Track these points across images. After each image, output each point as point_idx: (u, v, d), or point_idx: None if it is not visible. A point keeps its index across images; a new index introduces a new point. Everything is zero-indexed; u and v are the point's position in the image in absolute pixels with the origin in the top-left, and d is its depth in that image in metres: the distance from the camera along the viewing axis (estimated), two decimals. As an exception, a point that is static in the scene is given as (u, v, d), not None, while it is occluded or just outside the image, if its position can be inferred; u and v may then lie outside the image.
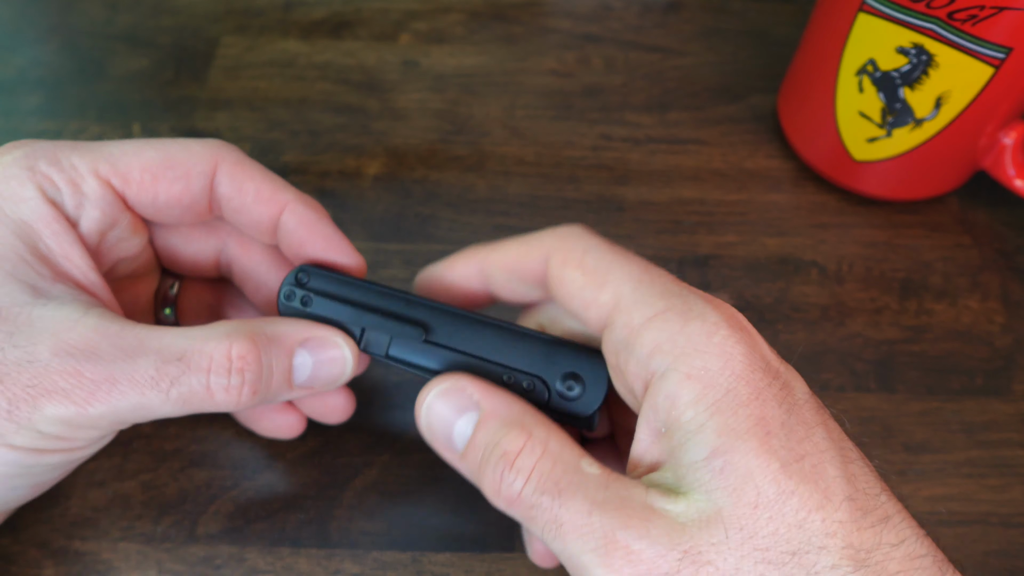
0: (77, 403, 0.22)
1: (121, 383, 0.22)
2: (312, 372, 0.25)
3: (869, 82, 0.34)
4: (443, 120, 0.41)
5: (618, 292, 0.22)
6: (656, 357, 0.21)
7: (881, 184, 0.38)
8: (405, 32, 0.44)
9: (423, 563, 0.29)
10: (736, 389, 0.20)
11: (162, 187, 0.25)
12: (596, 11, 0.46)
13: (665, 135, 0.41)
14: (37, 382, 0.21)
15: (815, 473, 0.20)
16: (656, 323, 0.21)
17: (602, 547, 0.20)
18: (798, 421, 0.21)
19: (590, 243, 0.24)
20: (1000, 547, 0.30)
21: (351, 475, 0.31)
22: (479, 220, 0.38)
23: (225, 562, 0.29)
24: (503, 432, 0.22)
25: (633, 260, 0.23)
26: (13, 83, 0.42)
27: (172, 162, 0.25)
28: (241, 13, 0.45)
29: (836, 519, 0.20)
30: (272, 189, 0.26)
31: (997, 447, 0.32)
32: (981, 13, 0.30)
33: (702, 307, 0.22)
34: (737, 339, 0.21)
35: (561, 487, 0.21)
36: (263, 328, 0.24)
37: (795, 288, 0.36)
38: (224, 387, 0.23)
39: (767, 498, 0.20)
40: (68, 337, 0.22)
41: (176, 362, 0.22)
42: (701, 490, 0.20)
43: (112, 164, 0.25)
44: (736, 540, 0.19)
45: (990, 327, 0.35)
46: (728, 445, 0.20)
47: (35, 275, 0.23)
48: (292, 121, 0.41)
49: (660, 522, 0.20)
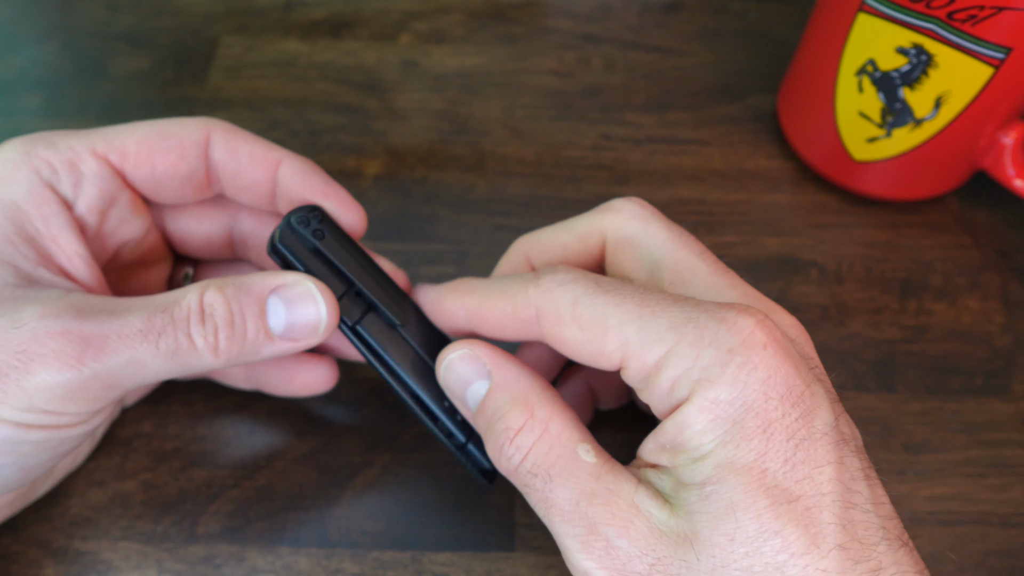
0: (69, 364, 0.21)
1: (111, 338, 0.22)
2: (287, 320, 0.24)
3: (869, 82, 0.34)
4: (443, 120, 0.41)
5: (622, 337, 0.22)
6: (675, 392, 0.21)
7: (881, 184, 0.38)
8: (405, 32, 0.44)
9: (423, 563, 0.29)
10: (744, 422, 0.20)
11: (158, 159, 0.26)
12: (596, 11, 0.46)
13: (665, 135, 0.41)
14: (26, 347, 0.21)
15: (806, 517, 0.19)
16: (670, 360, 0.21)
17: (584, 535, 0.21)
18: (805, 458, 0.20)
19: (577, 291, 0.23)
20: (1000, 547, 0.30)
21: (351, 475, 0.31)
22: (479, 220, 0.38)
23: (225, 562, 0.29)
24: (508, 407, 0.23)
25: (627, 297, 0.22)
26: (13, 83, 0.42)
27: (166, 134, 0.26)
28: (241, 13, 0.45)
29: (820, 567, 0.19)
30: (265, 149, 0.27)
31: (997, 447, 0.32)
32: (981, 13, 0.30)
33: (714, 331, 0.21)
34: (754, 364, 0.20)
35: (554, 472, 0.21)
36: (233, 279, 0.24)
37: (795, 288, 0.36)
38: (203, 335, 0.23)
39: (746, 534, 0.19)
40: (55, 303, 0.22)
41: (161, 313, 0.23)
42: (686, 509, 0.20)
43: (108, 141, 0.26)
44: (706, 566, 0.20)
45: (990, 327, 0.35)
46: (720, 476, 0.20)
47: (20, 257, 0.23)
48: (292, 121, 0.41)
49: (642, 525, 0.20)
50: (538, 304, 0.24)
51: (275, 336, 0.25)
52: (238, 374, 0.31)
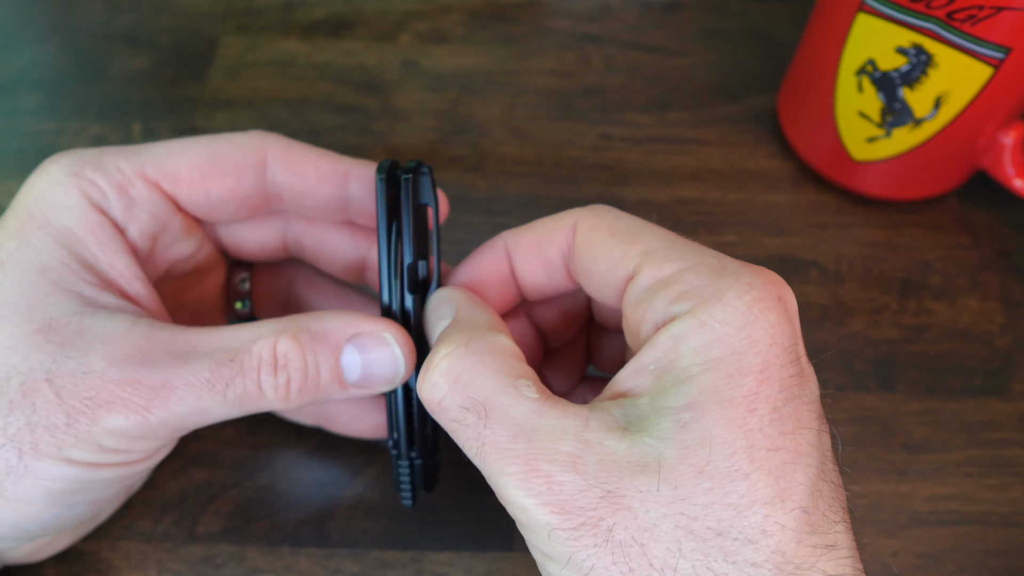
0: (136, 411, 0.21)
1: (178, 388, 0.22)
2: (363, 371, 0.24)
3: (868, 82, 0.34)
4: (443, 120, 0.41)
5: (650, 247, 0.22)
6: (678, 303, 0.20)
7: (881, 184, 0.38)
8: (405, 32, 0.44)
9: (423, 563, 0.29)
10: (744, 354, 0.19)
11: (213, 184, 0.25)
12: (596, 11, 0.46)
13: (665, 135, 0.41)
14: (94, 393, 0.21)
15: (781, 470, 0.19)
16: (687, 274, 0.21)
17: (522, 472, 0.19)
18: (792, 414, 0.19)
19: (619, 213, 0.23)
20: (1000, 547, 0.30)
21: (351, 475, 0.31)
22: (479, 220, 0.38)
23: (225, 561, 0.29)
24: (446, 334, 0.22)
25: (664, 230, 0.23)
26: (13, 83, 0.42)
27: (220, 157, 0.25)
28: (241, 13, 0.45)
29: (780, 521, 0.18)
30: (331, 163, 0.26)
31: (997, 447, 0.32)
32: (980, 13, 0.30)
33: (737, 267, 0.21)
34: (768, 306, 0.20)
35: (489, 406, 0.20)
36: (309, 324, 0.23)
37: (795, 288, 0.36)
38: (273, 386, 0.22)
39: (716, 469, 0.18)
40: (121, 346, 0.22)
41: (229, 363, 0.22)
42: (655, 435, 0.19)
43: (159, 166, 0.24)
44: (665, 496, 0.18)
45: (990, 327, 0.35)
46: (705, 404, 0.19)
47: (82, 284, 0.23)
48: (292, 121, 0.41)
49: (591, 457, 0.19)
50: (580, 216, 0.24)
51: (349, 385, 0.24)
52: (303, 412, 0.30)
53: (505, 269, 0.25)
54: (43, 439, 0.21)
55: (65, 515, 0.23)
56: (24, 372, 0.21)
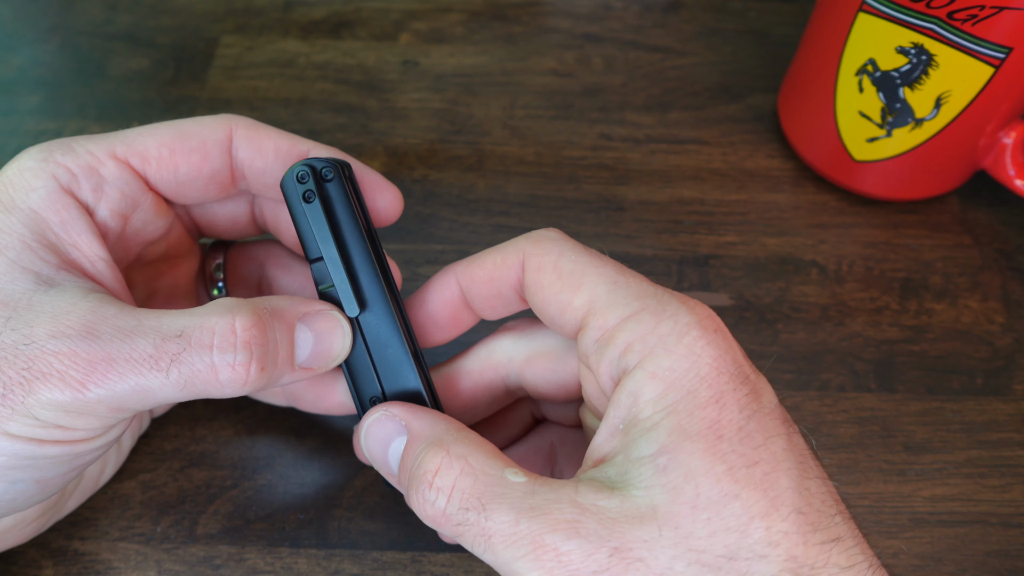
0: (73, 386, 0.21)
1: (118, 363, 0.21)
2: (312, 349, 0.24)
3: (869, 82, 0.34)
4: (443, 120, 0.41)
5: (593, 295, 0.23)
6: (627, 356, 0.21)
7: (881, 184, 0.38)
8: (405, 32, 0.44)
9: (423, 563, 0.29)
10: (697, 391, 0.20)
11: (180, 160, 0.25)
12: (596, 11, 0.46)
13: (665, 135, 0.41)
14: (32, 365, 0.21)
15: (765, 481, 0.20)
16: (629, 323, 0.22)
17: (531, 553, 0.19)
18: (758, 428, 0.20)
19: (564, 247, 0.24)
20: (1000, 547, 0.30)
21: (351, 475, 0.31)
22: (479, 220, 0.38)
23: (225, 562, 0.29)
24: (423, 452, 0.22)
25: (607, 263, 0.23)
26: (13, 83, 0.42)
27: (187, 135, 0.25)
28: (241, 13, 0.45)
29: (781, 529, 0.19)
30: (290, 143, 0.26)
31: (997, 447, 0.32)
32: (981, 13, 0.30)
33: (676, 307, 0.22)
34: (708, 341, 0.21)
35: (485, 500, 0.20)
36: (264, 302, 0.23)
37: (795, 288, 0.36)
38: (230, 364, 0.22)
39: (707, 499, 0.19)
40: (66, 319, 0.21)
41: (176, 339, 0.21)
42: (641, 486, 0.20)
43: (128, 145, 0.25)
44: (670, 539, 0.19)
45: (990, 327, 0.35)
46: (675, 444, 0.20)
47: (40, 262, 0.23)
48: (292, 121, 0.41)
49: (590, 520, 0.19)
50: (526, 250, 0.24)
51: (297, 366, 0.24)
52: (276, 392, 0.30)
53: (457, 299, 0.26)
54: None
55: (9, 492, 0.23)
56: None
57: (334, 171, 0.25)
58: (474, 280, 0.25)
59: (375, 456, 0.24)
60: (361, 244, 0.25)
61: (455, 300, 0.26)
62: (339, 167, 0.25)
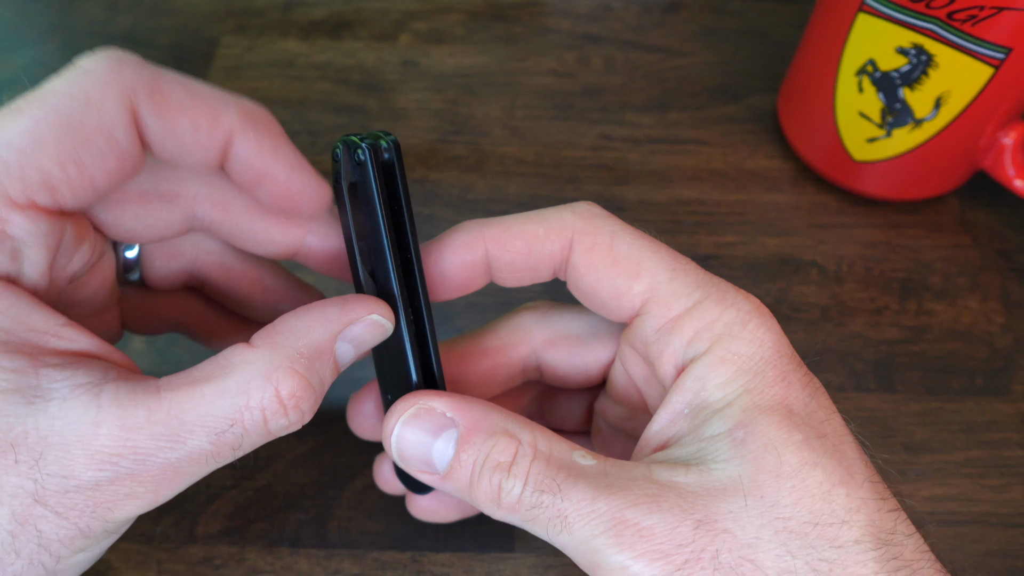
0: (146, 501, 0.20)
1: (183, 469, 0.20)
2: (353, 355, 0.23)
3: (869, 82, 0.34)
4: (443, 120, 0.41)
5: (653, 282, 0.22)
6: (695, 343, 0.22)
7: (881, 184, 0.38)
8: (405, 32, 0.44)
9: (423, 563, 0.29)
10: (764, 372, 0.21)
11: (92, 170, 0.20)
12: (596, 11, 0.46)
13: (665, 135, 0.41)
14: (95, 501, 0.19)
15: (838, 451, 0.20)
16: (695, 312, 0.22)
17: (611, 529, 0.19)
18: (819, 405, 0.21)
19: (615, 226, 0.23)
20: (1000, 547, 0.30)
21: (351, 475, 0.31)
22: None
23: (225, 562, 0.29)
24: (490, 443, 0.21)
25: (661, 247, 0.23)
26: (13, 83, 0.42)
27: (80, 126, 0.19)
28: (241, 13, 0.45)
29: (860, 495, 0.20)
30: (209, 114, 0.21)
31: (997, 447, 0.32)
32: (981, 13, 0.30)
33: (734, 296, 0.22)
34: (767, 327, 0.22)
35: (559, 481, 0.20)
36: (298, 346, 0.21)
37: (795, 288, 0.36)
38: (285, 426, 0.21)
39: (790, 467, 0.20)
40: (99, 445, 0.19)
41: (230, 429, 0.20)
42: (719, 460, 0.20)
43: (24, 179, 0.19)
44: (756, 509, 0.19)
45: (990, 327, 0.35)
46: (751, 419, 0.20)
47: (11, 375, 0.19)
48: (292, 121, 0.41)
49: (670, 495, 0.20)
50: (576, 228, 0.23)
51: (341, 367, 0.23)
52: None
53: (480, 263, 0.24)
54: (61, 552, 0.20)
55: None
56: (6, 501, 0.19)
57: (391, 148, 0.23)
58: (507, 249, 0.24)
59: (412, 456, 0.22)
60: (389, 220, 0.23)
61: (477, 264, 0.24)
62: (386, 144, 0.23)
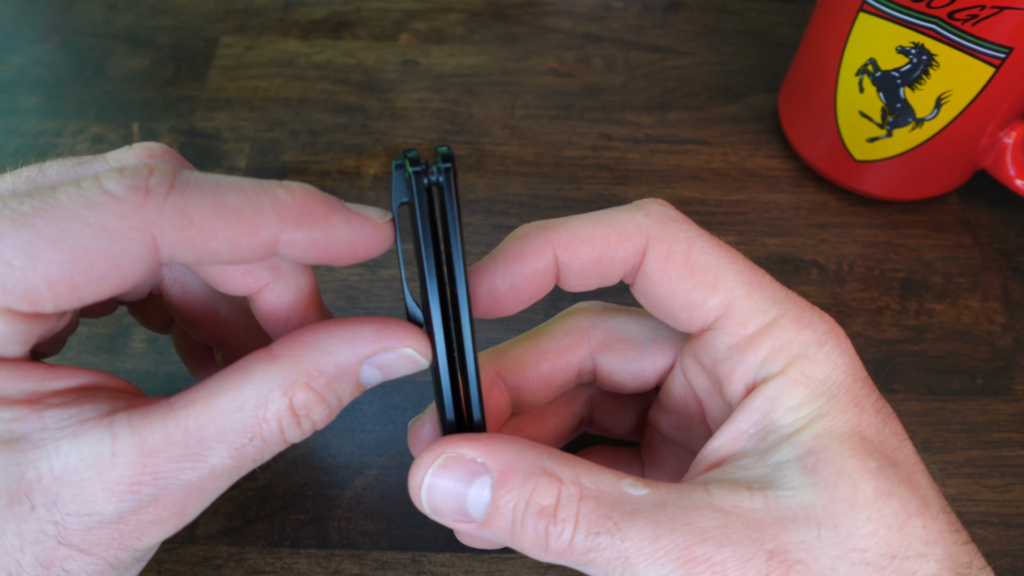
0: (172, 524, 0.20)
1: (206, 486, 0.20)
2: (380, 378, 0.22)
3: (869, 82, 0.34)
4: (443, 120, 0.41)
5: (730, 297, 0.21)
6: (769, 363, 0.21)
7: (881, 184, 0.38)
8: (405, 32, 0.44)
9: (423, 563, 0.29)
10: (838, 397, 0.20)
11: (80, 281, 0.18)
12: (596, 11, 0.46)
13: (665, 135, 0.41)
14: (121, 533, 0.19)
15: (912, 481, 0.20)
16: (771, 331, 0.21)
17: (682, 568, 0.18)
18: (892, 432, 0.21)
19: (691, 233, 0.22)
20: (1000, 547, 0.30)
21: (351, 475, 0.31)
22: (479, 220, 0.38)
23: (225, 562, 0.29)
24: (530, 486, 0.19)
25: (739, 258, 0.22)
26: (13, 83, 0.42)
27: (79, 249, 0.17)
28: (241, 13, 0.45)
29: (936, 528, 0.19)
30: (247, 231, 0.19)
31: (998, 447, 0.32)
32: (981, 13, 0.30)
33: (811, 316, 0.22)
34: (842, 350, 0.21)
35: (615, 519, 0.19)
36: (319, 363, 0.20)
37: (795, 288, 0.36)
38: (299, 435, 0.21)
39: (865, 497, 0.19)
40: (118, 476, 0.19)
41: (250, 442, 0.20)
42: (787, 487, 0.19)
43: (8, 291, 0.18)
44: (830, 539, 0.18)
45: (990, 327, 0.35)
46: (823, 446, 0.20)
47: (12, 425, 0.19)
48: (292, 121, 0.41)
49: (737, 524, 0.18)
50: (651, 233, 0.22)
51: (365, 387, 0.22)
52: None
53: (550, 270, 0.23)
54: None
55: None
56: (28, 549, 0.19)
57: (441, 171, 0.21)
58: (577, 256, 0.22)
59: (446, 509, 0.20)
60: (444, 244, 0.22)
61: (547, 271, 0.22)
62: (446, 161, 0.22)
